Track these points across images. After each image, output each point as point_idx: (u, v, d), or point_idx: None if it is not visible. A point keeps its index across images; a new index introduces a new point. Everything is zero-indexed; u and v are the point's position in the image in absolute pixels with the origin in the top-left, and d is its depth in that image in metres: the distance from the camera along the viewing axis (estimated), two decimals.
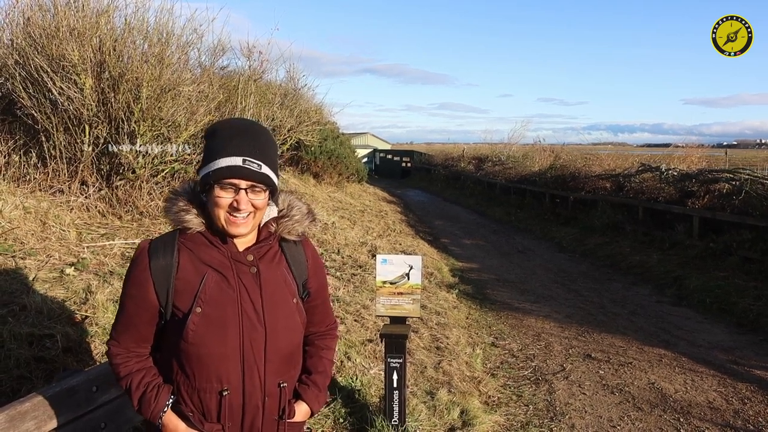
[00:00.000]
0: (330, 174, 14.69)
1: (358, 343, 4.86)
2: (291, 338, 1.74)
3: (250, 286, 1.65)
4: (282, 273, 1.74)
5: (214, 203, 1.61)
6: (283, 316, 1.70)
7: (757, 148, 51.05)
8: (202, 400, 1.64)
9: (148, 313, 1.65)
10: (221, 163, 1.59)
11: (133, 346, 1.69)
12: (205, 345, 1.60)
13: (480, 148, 28.65)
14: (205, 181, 1.62)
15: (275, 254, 1.74)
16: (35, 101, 5.25)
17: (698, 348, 5.80)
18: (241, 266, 1.66)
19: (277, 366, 1.69)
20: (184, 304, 1.62)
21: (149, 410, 1.64)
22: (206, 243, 1.66)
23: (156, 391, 1.65)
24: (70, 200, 5.23)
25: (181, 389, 1.65)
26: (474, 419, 3.96)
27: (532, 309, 7.24)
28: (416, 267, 3.60)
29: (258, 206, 1.64)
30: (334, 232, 8.72)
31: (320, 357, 1.88)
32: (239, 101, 7.70)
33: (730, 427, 4.16)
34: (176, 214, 1.66)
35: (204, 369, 1.62)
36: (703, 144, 15.77)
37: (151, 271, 1.62)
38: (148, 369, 1.69)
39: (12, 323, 3.16)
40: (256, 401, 1.66)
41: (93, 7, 5.52)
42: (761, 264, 8.02)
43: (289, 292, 1.74)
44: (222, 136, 1.63)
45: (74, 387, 2.13)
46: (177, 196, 1.71)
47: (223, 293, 1.63)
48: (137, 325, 1.67)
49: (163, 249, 1.64)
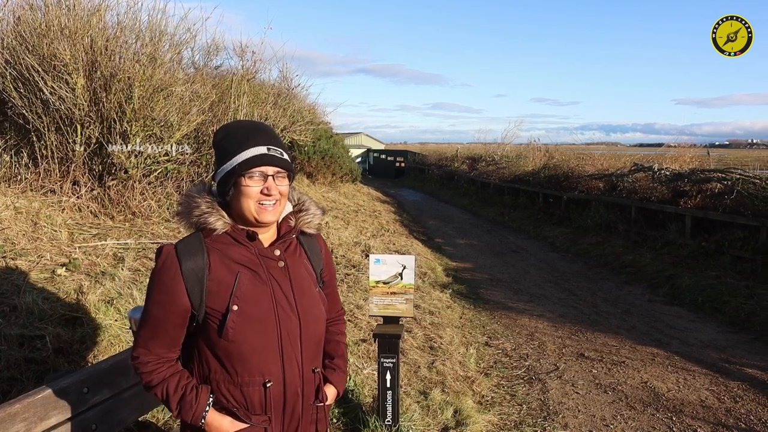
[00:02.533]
0: (323, 174, 14.66)
1: (351, 343, 4.86)
2: (320, 326, 1.81)
3: (280, 279, 1.71)
4: (305, 264, 1.81)
5: (243, 194, 1.65)
6: (312, 305, 1.77)
7: (748, 148, 51.40)
8: (246, 395, 1.67)
9: (179, 317, 1.65)
10: (247, 154, 1.64)
11: (164, 352, 1.68)
12: (246, 341, 1.64)
13: (474, 147, 28.70)
14: (230, 176, 1.65)
15: (296, 247, 1.81)
16: (26, 101, 5.21)
17: (690, 347, 5.84)
18: (269, 261, 1.71)
19: (311, 353, 1.77)
20: (220, 305, 1.63)
21: (191, 412, 1.64)
22: (233, 242, 1.69)
23: (195, 392, 1.65)
24: (61, 200, 5.19)
25: (221, 387, 1.67)
26: (467, 419, 3.96)
27: (525, 308, 7.26)
28: (409, 267, 3.61)
29: (283, 193, 1.70)
30: (327, 232, 8.71)
31: (338, 342, 1.99)
32: (232, 101, 7.66)
33: (722, 425, 4.19)
34: (200, 216, 1.67)
35: (246, 364, 1.65)
36: (696, 144, 15.84)
37: (183, 274, 1.62)
38: (182, 372, 1.70)
39: (2, 324, 3.14)
40: (295, 388, 1.72)
41: (84, 6, 5.48)
42: (753, 263, 8.08)
43: (313, 282, 1.81)
44: (238, 135, 1.69)
45: (65, 388, 2.11)
46: (194, 198, 1.71)
47: (257, 289, 1.66)
48: (167, 330, 1.66)
49: (193, 251, 1.65)
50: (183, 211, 1.71)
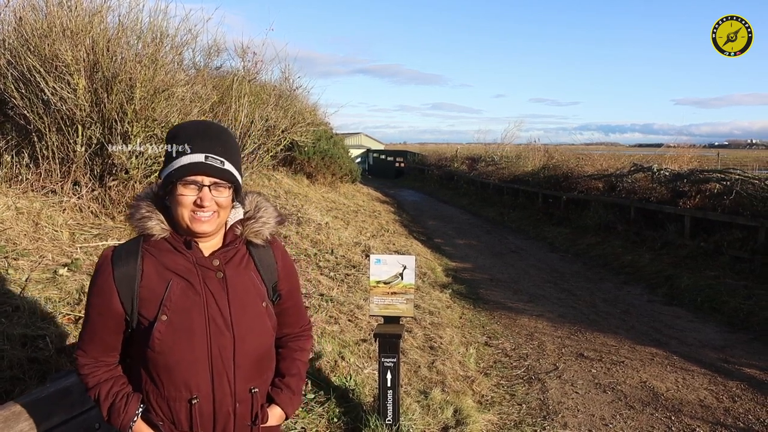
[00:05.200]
0: (323, 174, 14.67)
1: (351, 342, 4.87)
2: (260, 342, 1.71)
3: (216, 291, 1.63)
4: (250, 277, 1.71)
5: (177, 202, 1.59)
6: (252, 320, 1.67)
7: (748, 148, 51.45)
8: (172, 409, 1.61)
9: (114, 321, 1.62)
10: (183, 161, 1.57)
11: (101, 356, 1.66)
12: (172, 353, 1.58)
13: (473, 148, 28.71)
14: (168, 181, 1.60)
15: (242, 258, 1.71)
16: (27, 101, 5.22)
17: (689, 347, 5.85)
18: (206, 271, 1.63)
19: (248, 371, 1.67)
20: (150, 312, 1.58)
21: (119, 420, 1.61)
22: (171, 249, 1.63)
23: (125, 400, 1.62)
24: (62, 201, 5.20)
25: (151, 398, 1.63)
26: (467, 418, 3.98)
27: (525, 308, 7.27)
28: (410, 267, 3.62)
29: (222, 204, 1.61)
30: (327, 233, 8.72)
31: (293, 359, 1.86)
32: (233, 102, 7.68)
33: (721, 424, 4.21)
34: (139, 220, 1.63)
35: (172, 377, 1.59)
36: (694, 144, 15.88)
37: (115, 279, 1.59)
38: (117, 378, 1.67)
39: (5, 324, 3.15)
40: (227, 408, 1.64)
41: (86, 7, 5.49)
42: (751, 263, 8.10)
43: (258, 295, 1.70)
44: (182, 137, 1.61)
45: (68, 388, 2.13)
46: (139, 201, 1.67)
47: (189, 300, 1.60)
48: (103, 334, 1.64)
49: (127, 256, 1.61)
50: (129, 214, 1.67)
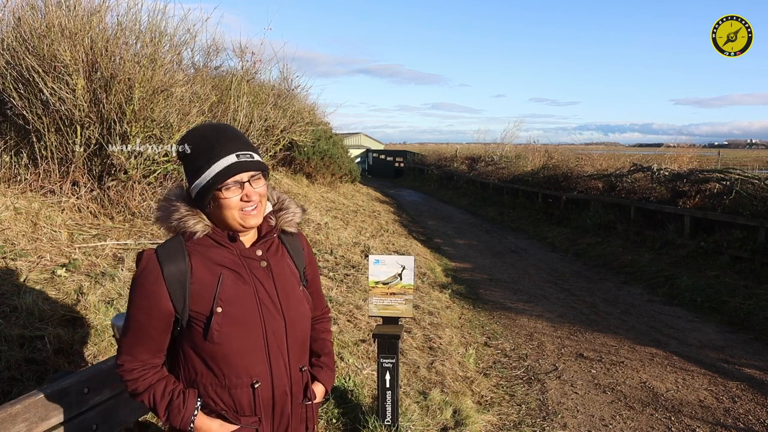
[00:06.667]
0: (323, 174, 14.66)
1: (350, 343, 4.86)
2: (305, 324, 1.82)
3: (263, 279, 1.70)
4: (288, 263, 1.81)
5: (223, 207, 1.63)
6: (296, 304, 1.77)
7: (747, 148, 51.47)
8: (234, 396, 1.67)
9: (163, 321, 1.64)
10: (217, 167, 1.61)
11: (149, 358, 1.67)
12: (231, 343, 1.63)
13: (473, 148, 28.72)
14: (206, 191, 1.62)
15: (278, 247, 1.81)
16: (26, 102, 5.21)
17: (689, 347, 5.85)
18: (251, 262, 1.71)
19: (297, 352, 1.77)
20: (203, 307, 1.62)
21: (179, 417, 1.63)
22: (214, 244, 1.68)
23: (183, 396, 1.65)
24: (61, 201, 5.20)
25: (209, 390, 1.67)
26: (467, 419, 3.97)
27: (524, 309, 7.27)
28: (409, 267, 3.62)
29: (262, 194, 1.69)
30: (327, 233, 8.71)
31: (324, 339, 2.01)
32: (232, 102, 7.67)
33: (721, 425, 4.20)
34: (180, 220, 1.66)
35: (233, 366, 1.65)
36: (694, 144, 15.89)
37: (165, 278, 1.60)
38: (168, 378, 1.69)
39: (3, 325, 3.14)
40: (283, 388, 1.72)
41: (85, 7, 5.49)
42: (751, 263, 8.10)
43: (296, 281, 1.81)
44: (203, 146, 1.65)
45: (66, 388, 2.12)
46: (172, 202, 1.69)
47: (240, 290, 1.66)
48: (152, 335, 1.65)
49: (174, 254, 1.63)
50: (162, 215, 1.69)
